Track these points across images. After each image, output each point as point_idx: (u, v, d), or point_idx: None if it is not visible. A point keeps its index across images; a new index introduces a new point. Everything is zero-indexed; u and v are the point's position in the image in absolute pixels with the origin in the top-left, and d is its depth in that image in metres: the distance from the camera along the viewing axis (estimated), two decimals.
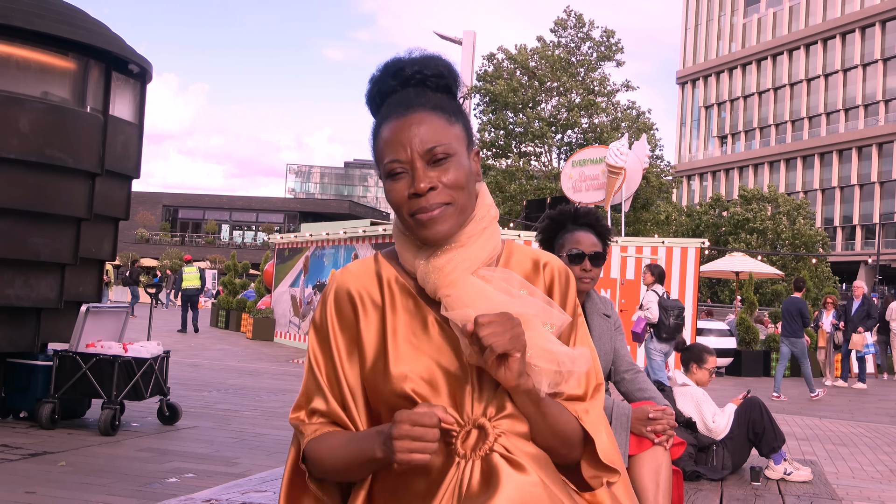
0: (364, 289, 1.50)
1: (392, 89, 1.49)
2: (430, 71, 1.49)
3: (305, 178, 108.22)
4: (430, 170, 1.41)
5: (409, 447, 1.28)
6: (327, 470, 1.45)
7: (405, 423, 1.28)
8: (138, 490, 4.61)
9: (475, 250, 1.45)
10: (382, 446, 1.33)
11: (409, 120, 1.42)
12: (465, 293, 1.40)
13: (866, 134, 54.61)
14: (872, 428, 9.42)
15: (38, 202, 6.24)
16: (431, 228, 1.41)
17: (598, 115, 32.64)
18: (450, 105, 1.47)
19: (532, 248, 1.57)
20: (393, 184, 1.42)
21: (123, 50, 6.76)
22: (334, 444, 1.44)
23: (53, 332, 6.69)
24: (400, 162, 1.41)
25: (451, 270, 1.42)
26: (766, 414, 4.32)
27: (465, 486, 1.34)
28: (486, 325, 1.30)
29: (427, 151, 1.40)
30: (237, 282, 23.74)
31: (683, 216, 40.06)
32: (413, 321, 1.46)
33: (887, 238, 51.69)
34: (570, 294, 1.54)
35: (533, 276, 1.52)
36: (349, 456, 1.41)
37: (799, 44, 59.49)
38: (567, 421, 1.45)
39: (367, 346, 1.47)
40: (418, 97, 1.45)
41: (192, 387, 9.33)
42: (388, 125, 1.44)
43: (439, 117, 1.44)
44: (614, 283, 13.91)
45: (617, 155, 16.78)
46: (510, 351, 1.31)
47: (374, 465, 1.38)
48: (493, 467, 1.35)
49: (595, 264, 2.89)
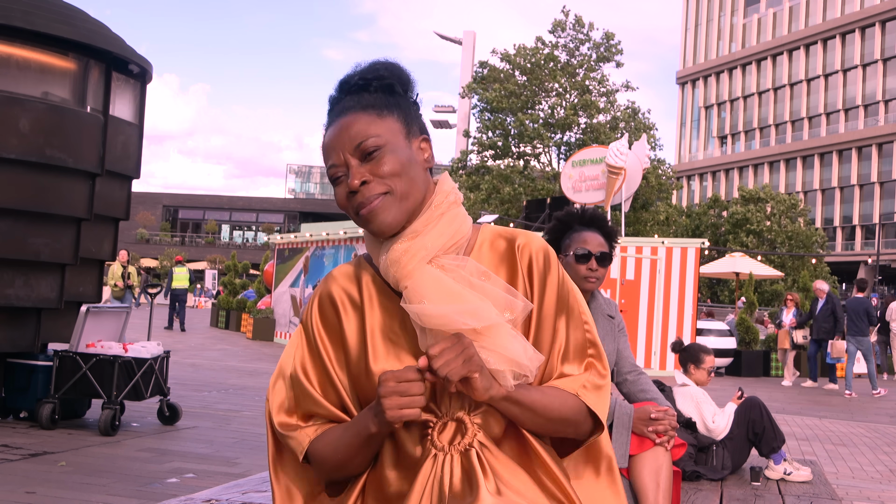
0: (345, 291, 1.51)
1: (337, 101, 1.52)
2: (371, 75, 1.51)
3: (305, 179, 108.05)
4: (362, 166, 1.42)
5: (398, 403, 1.30)
6: (333, 466, 1.45)
7: (390, 380, 1.30)
8: (138, 490, 4.62)
9: (431, 238, 1.43)
10: (374, 417, 1.35)
11: (339, 124, 1.45)
12: (422, 284, 1.39)
13: (866, 134, 54.62)
14: (872, 428, 9.42)
15: (39, 202, 6.24)
16: (374, 221, 1.42)
17: (596, 116, 32.64)
18: (384, 101, 1.47)
19: (507, 229, 1.54)
20: (336, 189, 1.45)
21: (123, 50, 6.76)
22: (333, 437, 1.45)
23: (53, 332, 6.69)
24: (336, 166, 1.44)
25: (406, 262, 1.41)
26: (765, 414, 4.32)
27: (446, 484, 1.35)
28: (438, 355, 1.29)
29: (356, 148, 1.42)
30: (237, 282, 23.75)
31: (683, 216, 40.08)
32: (391, 319, 1.47)
33: (887, 238, 51.69)
34: (550, 273, 1.50)
35: (508, 257, 1.50)
36: (349, 441, 1.42)
37: (799, 44, 59.50)
38: (562, 403, 1.44)
39: (350, 346, 1.48)
40: (353, 102, 1.47)
41: (192, 387, 9.33)
42: (326, 134, 1.48)
43: (368, 114, 1.45)
44: (614, 284, 13.92)
45: (617, 155, 16.78)
46: (468, 374, 1.31)
47: (372, 442, 1.40)
48: (474, 464, 1.36)
49: (601, 264, 2.90)
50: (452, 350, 1.30)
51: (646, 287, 14.17)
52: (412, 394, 1.30)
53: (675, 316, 14.08)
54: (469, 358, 1.31)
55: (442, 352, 1.30)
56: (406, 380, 1.30)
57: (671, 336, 13.71)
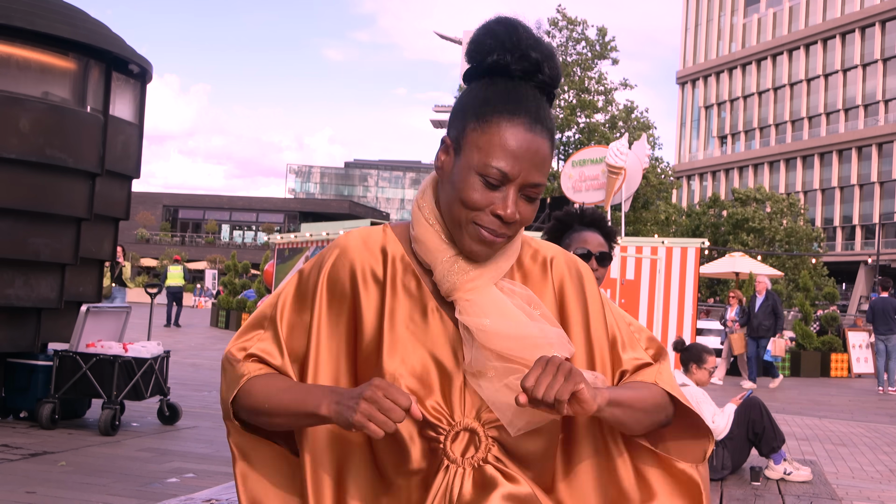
0: (367, 262, 1.41)
1: (506, 70, 1.35)
2: (551, 73, 1.36)
3: (305, 179, 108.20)
4: (519, 199, 1.32)
5: (371, 413, 1.19)
6: (256, 409, 1.36)
7: (381, 389, 1.20)
8: (138, 490, 4.61)
9: (503, 262, 1.39)
10: (334, 404, 1.25)
11: (534, 140, 1.31)
12: (485, 302, 1.34)
13: (866, 134, 54.62)
14: (872, 428, 9.42)
15: (39, 202, 6.24)
16: (482, 249, 1.34)
17: (594, 115, 32.62)
18: (553, 130, 1.37)
19: (536, 240, 1.50)
20: (483, 186, 1.31)
21: (123, 50, 6.76)
22: (272, 386, 1.35)
23: (53, 332, 6.69)
24: (505, 174, 1.30)
25: (476, 276, 1.35)
26: (765, 414, 4.32)
27: (455, 496, 1.30)
28: (536, 383, 1.19)
29: (529, 186, 1.32)
30: (237, 282, 23.73)
31: (683, 216, 40.07)
32: (413, 306, 1.39)
33: (887, 238, 51.69)
34: (586, 287, 1.46)
35: (542, 278, 1.45)
36: (287, 401, 1.32)
37: (799, 44, 59.50)
38: (650, 390, 1.40)
39: (366, 324, 1.39)
40: (540, 110, 1.33)
41: (192, 387, 9.33)
42: (514, 130, 1.30)
43: (550, 151, 1.34)
44: (614, 283, 13.92)
45: (617, 155, 16.77)
46: (576, 389, 1.20)
47: (310, 419, 1.30)
48: (488, 479, 1.30)
49: (601, 264, 2.90)
50: (547, 374, 1.20)
51: (646, 287, 14.17)
52: (390, 417, 1.19)
53: (675, 316, 14.08)
54: (567, 371, 1.21)
55: (537, 379, 1.20)
56: (395, 401, 1.19)
57: (671, 336, 13.69)
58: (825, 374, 16.67)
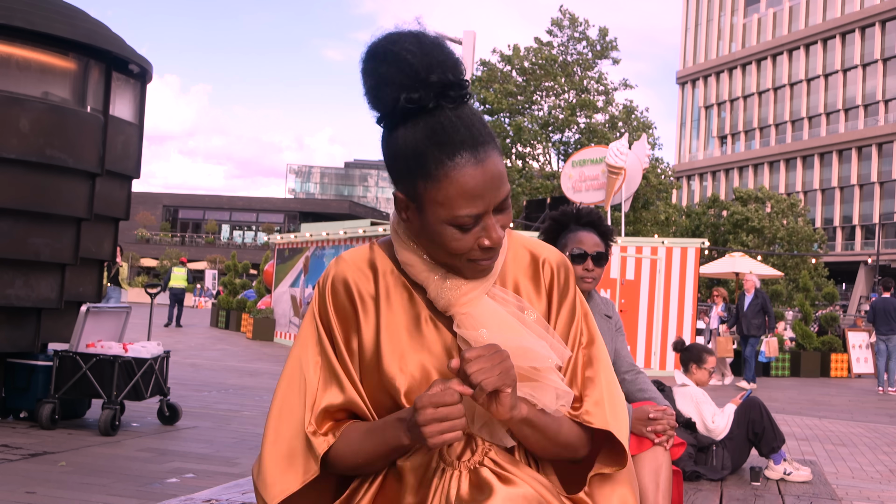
0: (359, 280, 1.44)
1: (418, 109, 1.29)
2: (457, 79, 1.30)
3: (305, 179, 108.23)
4: (496, 216, 1.33)
5: (439, 429, 1.22)
6: (347, 467, 1.39)
7: (428, 407, 1.23)
8: (138, 490, 4.62)
9: (493, 271, 1.41)
10: (408, 433, 1.28)
11: (485, 168, 1.28)
12: (481, 313, 1.36)
13: (866, 134, 54.62)
14: (872, 428, 9.42)
15: (39, 202, 6.24)
16: (482, 272, 1.38)
17: (594, 115, 32.62)
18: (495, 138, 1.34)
19: (527, 239, 1.52)
20: (461, 234, 1.31)
21: (123, 50, 6.76)
22: (352, 440, 1.38)
23: (53, 332, 6.70)
24: (475, 217, 1.30)
25: (469, 290, 1.38)
26: (765, 414, 4.32)
27: (453, 498, 1.31)
28: (474, 360, 1.24)
29: (501, 202, 1.32)
30: (237, 282, 23.73)
31: (683, 217, 40.05)
32: (407, 317, 1.42)
33: (887, 238, 51.70)
34: (569, 288, 1.49)
35: (534, 276, 1.48)
36: (372, 448, 1.36)
37: (799, 44, 59.50)
38: (569, 428, 1.41)
39: (365, 339, 1.42)
40: (472, 128, 1.29)
41: (192, 387, 9.33)
42: (463, 172, 1.27)
43: (499, 155, 1.32)
44: (614, 283, 13.91)
45: (617, 155, 16.77)
46: (501, 387, 1.25)
47: (401, 451, 1.35)
48: (484, 480, 1.32)
49: (598, 264, 2.89)
50: (490, 359, 1.24)
51: (646, 287, 14.17)
52: (453, 418, 1.22)
53: (675, 316, 14.08)
54: (505, 371, 1.25)
55: (478, 358, 1.24)
56: (444, 404, 1.22)
57: (671, 336, 13.70)
58: (825, 374, 16.67)
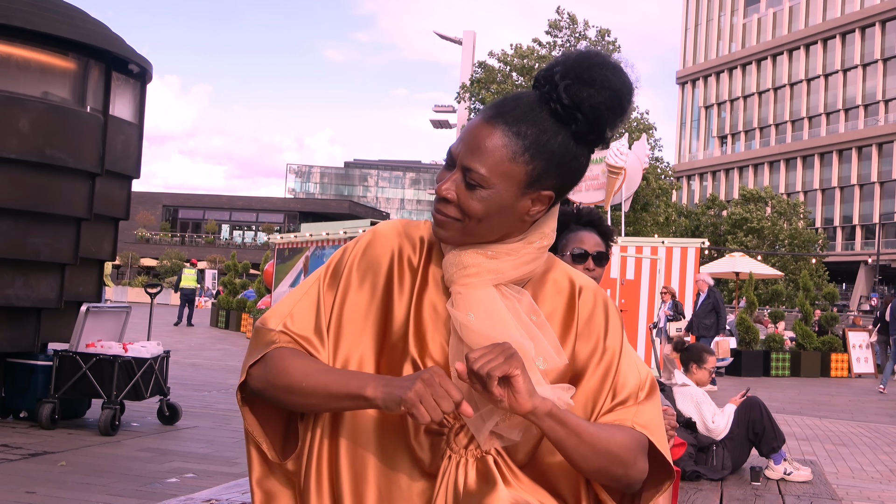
0: (405, 248, 1.43)
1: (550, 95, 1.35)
2: (570, 98, 1.32)
3: (305, 178, 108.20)
4: (462, 185, 1.32)
5: (424, 396, 1.19)
6: (290, 386, 1.33)
7: (438, 376, 1.20)
8: (138, 490, 4.62)
9: (505, 266, 1.36)
10: (382, 387, 1.24)
11: (482, 127, 1.32)
12: (475, 298, 1.34)
13: (866, 134, 54.63)
14: (872, 428, 9.42)
15: (39, 202, 6.24)
16: (437, 231, 1.37)
17: None
18: (537, 138, 1.31)
19: (573, 270, 1.48)
20: (444, 169, 1.36)
21: (123, 50, 6.76)
22: (311, 365, 1.33)
23: (53, 332, 6.69)
24: (451, 154, 1.34)
25: (472, 273, 1.35)
26: (765, 414, 4.32)
27: (461, 484, 1.30)
28: (478, 358, 1.21)
29: (464, 168, 1.31)
30: (237, 282, 23.73)
31: (683, 217, 40.07)
32: (437, 295, 1.40)
33: (887, 238, 51.70)
34: (611, 322, 1.43)
35: (568, 303, 1.43)
36: (326, 381, 1.29)
37: (799, 44, 59.51)
38: (611, 434, 1.32)
39: (396, 311, 1.39)
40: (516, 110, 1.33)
41: (192, 387, 9.33)
42: (476, 117, 1.35)
43: (507, 146, 1.30)
44: (614, 283, 13.91)
45: (617, 155, 16.77)
46: (509, 371, 1.20)
47: (352, 401, 1.28)
48: (490, 471, 1.31)
49: (598, 264, 2.89)
50: (493, 351, 1.22)
51: (646, 287, 14.17)
52: (441, 406, 1.19)
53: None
54: (511, 356, 1.22)
55: (482, 354, 1.22)
56: (447, 390, 1.19)
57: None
58: (825, 374, 16.67)
